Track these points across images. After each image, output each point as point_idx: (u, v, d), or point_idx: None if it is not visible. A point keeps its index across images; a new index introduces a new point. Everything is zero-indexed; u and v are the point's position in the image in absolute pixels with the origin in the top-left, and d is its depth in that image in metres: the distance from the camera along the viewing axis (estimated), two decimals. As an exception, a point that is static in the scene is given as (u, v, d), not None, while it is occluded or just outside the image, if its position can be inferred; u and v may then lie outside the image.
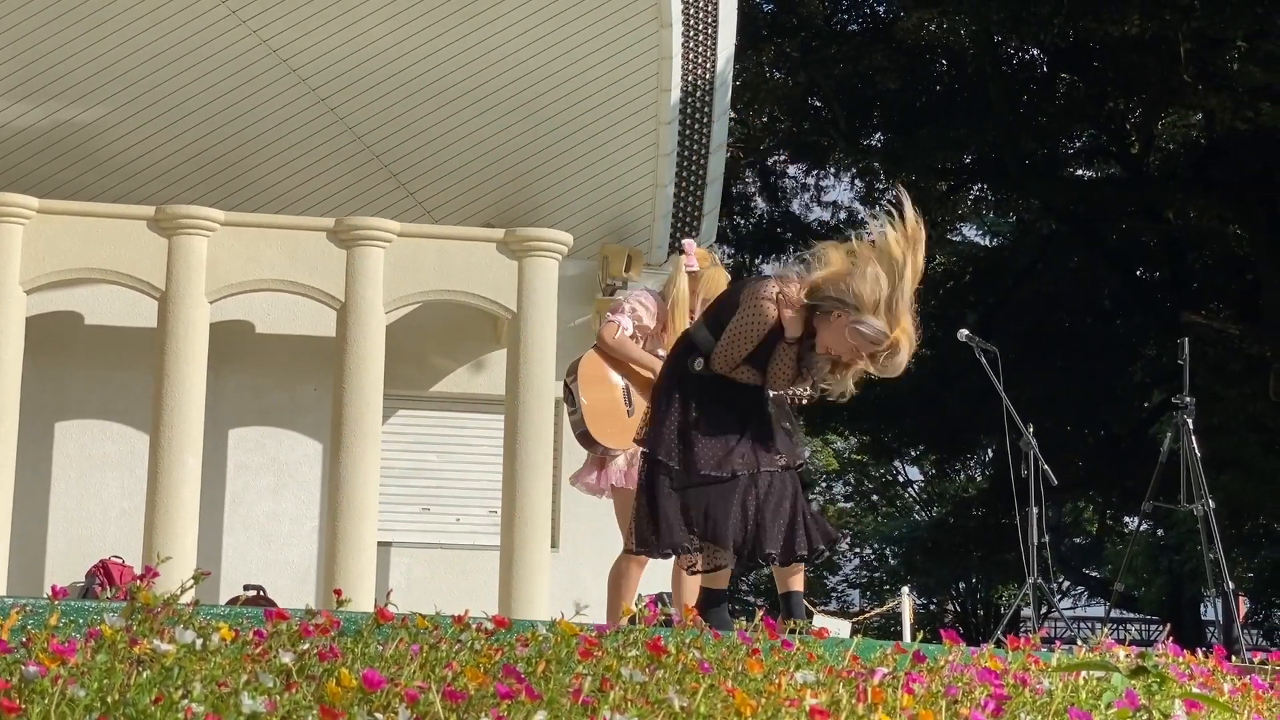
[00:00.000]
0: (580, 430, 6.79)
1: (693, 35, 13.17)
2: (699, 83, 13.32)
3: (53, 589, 3.28)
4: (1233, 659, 5.49)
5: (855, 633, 11.74)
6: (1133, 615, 33.44)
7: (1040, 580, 9.26)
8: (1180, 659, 4.32)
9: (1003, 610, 31.49)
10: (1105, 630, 4.92)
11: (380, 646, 3.22)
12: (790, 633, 3.80)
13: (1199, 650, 4.58)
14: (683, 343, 5.99)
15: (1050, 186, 24.15)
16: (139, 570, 11.64)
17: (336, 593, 3.69)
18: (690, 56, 13.19)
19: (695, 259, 6.70)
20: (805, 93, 24.95)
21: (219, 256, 12.04)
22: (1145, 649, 4.02)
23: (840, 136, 25.05)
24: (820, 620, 12.06)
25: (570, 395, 6.76)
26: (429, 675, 2.98)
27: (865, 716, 2.93)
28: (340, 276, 12.12)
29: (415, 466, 13.29)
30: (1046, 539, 9.50)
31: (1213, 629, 26.69)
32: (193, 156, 13.04)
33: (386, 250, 12.20)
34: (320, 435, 12.76)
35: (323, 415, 12.51)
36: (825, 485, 38.60)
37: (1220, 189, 21.98)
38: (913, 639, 3.68)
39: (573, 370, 6.81)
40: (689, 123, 13.41)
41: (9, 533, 11.60)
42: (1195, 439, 9.11)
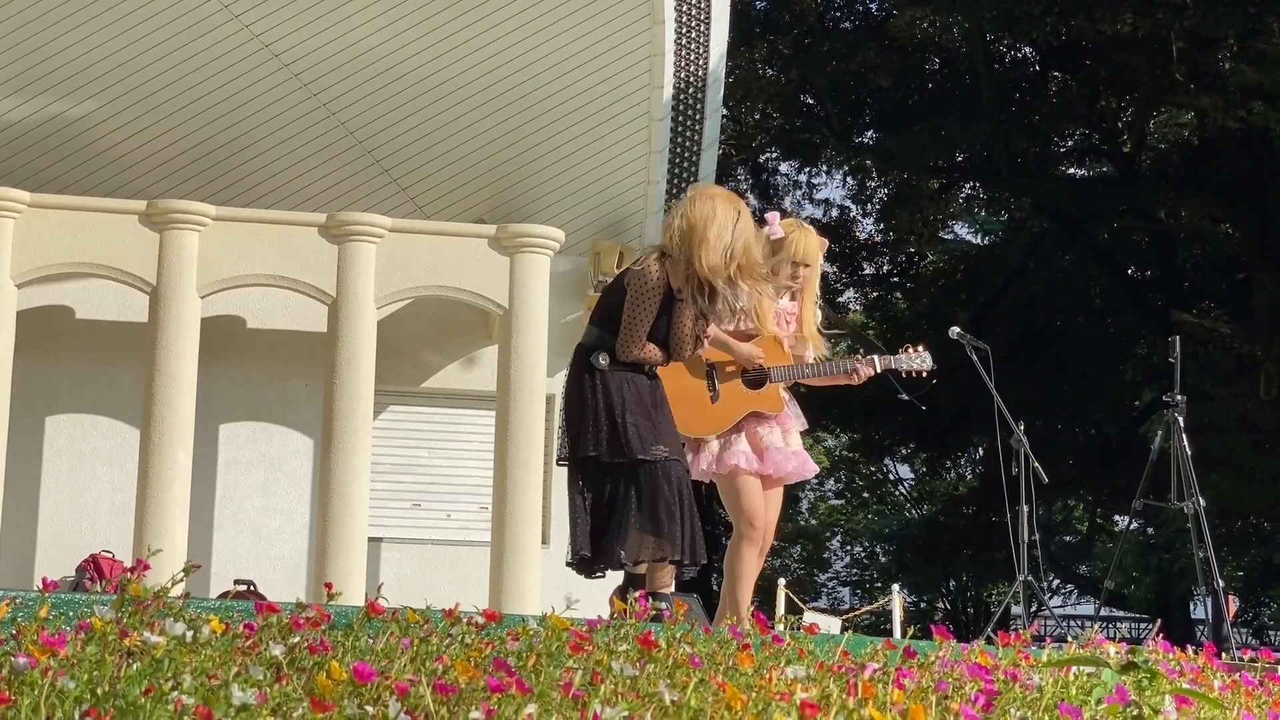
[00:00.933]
0: None
1: (685, 32, 13.16)
2: (691, 79, 13.31)
3: (43, 581, 3.27)
4: (1223, 656, 5.49)
5: (845, 630, 11.75)
6: (1122, 613, 33.48)
7: (1030, 578, 9.26)
8: (1170, 656, 4.33)
9: (993, 608, 31.52)
10: (1095, 627, 4.93)
11: (371, 640, 3.22)
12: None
13: (1189, 648, 4.58)
14: (578, 352, 6.16)
15: (1042, 185, 24.18)
16: (129, 564, 11.61)
17: (327, 586, 3.69)
18: (682, 53, 13.19)
19: (779, 227, 6.51)
20: (797, 90, 24.97)
21: (210, 251, 12.02)
22: (1136, 645, 4.02)
23: (832, 134, 25.07)
24: (810, 617, 12.08)
25: None
26: (419, 669, 2.97)
27: (856, 711, 2.93)
28: (332, 272, 12.11)
29: (406, 462, 13.28)
30: (1037, 537, 9.50)
31: (1202, 627, 26.74)
32: (184, 151, 13.02)
33: (378, 246, 12.19)
34: (311, 430, 12.75)
35: (314, 411, 12.50)
36: (816, 483, 38.61)
37: (1212, 188, 22.02)
38: (903, 636, 3.70)
39: None
40: (681, 119, 13.41)
41: (0, 526, 11.59)
42: (1186, 437, 9.13)
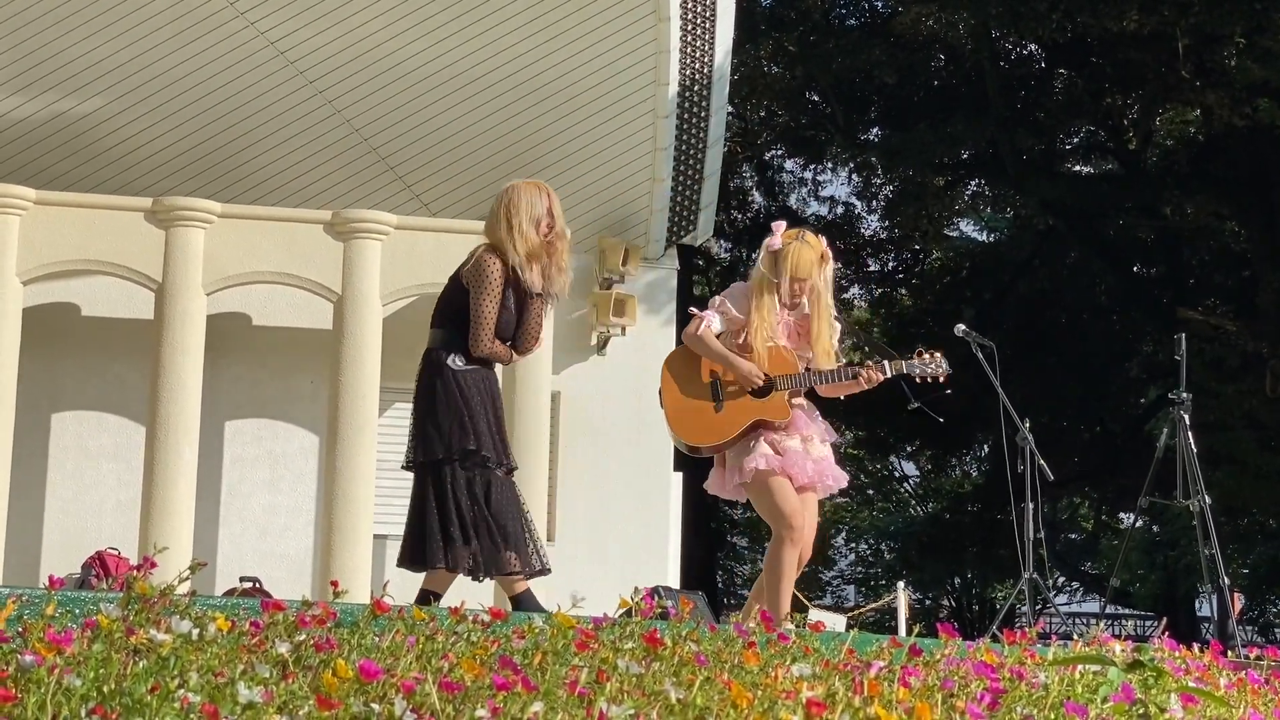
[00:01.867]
0: (672, 436, 6.69)
1: (690, 29, 13.16)
2: (697, 77, 13.31)
3: (50, 579, 3.28)
4: (1228, 654, 5.49)
5: (851, 628, 11.74)
6: (1127, 611, 33.45)
7: (1035, 576, 9.26)
8: (1176, 654, 4.32)
9: (998, 606, 31.51)
10: (1101, 625, 4.93)
11: (376, 638, 3.22)
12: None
13: (1195, 645, 4.58)
14: (427, 356, 6.27)
15: (1047, 182, 24.14)
16: (135, 562, 11.62)
17: (333, 584, 3.69)
18: (688, 51, 13.19)
19: (779, 238, 6.41)
20: (803, 87, 24.94)
21: (216, 249, 12.03)
22: (1141, 644, 4.02)
23: (837, 131, 25.04)
24: (816, 615, 12.07)
25: (661, 401, 6.63)
26: (425, 666, 2.98)
27: (861, 709, 2.93)
28: (337, 269, 12.11)
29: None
30: (1042, 534, 9.50)
31: (1207, 624, 26.74)
32: (190, 149, 13.03)
33: (383, 243, 12.20)
34: (317, 428, 12.75)
35: (319, 408, 12.50)
36: (820, 480, 38.53)
37: (1218, 185, 21.98)
38: (909, 634, 3.68)
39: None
40: (686, 117, 13.40)
41: (5, 524, 11.59)
42: (1191, 435, 9.12)
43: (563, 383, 13.22)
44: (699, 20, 13.19)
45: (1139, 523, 13.29)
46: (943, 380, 6.42)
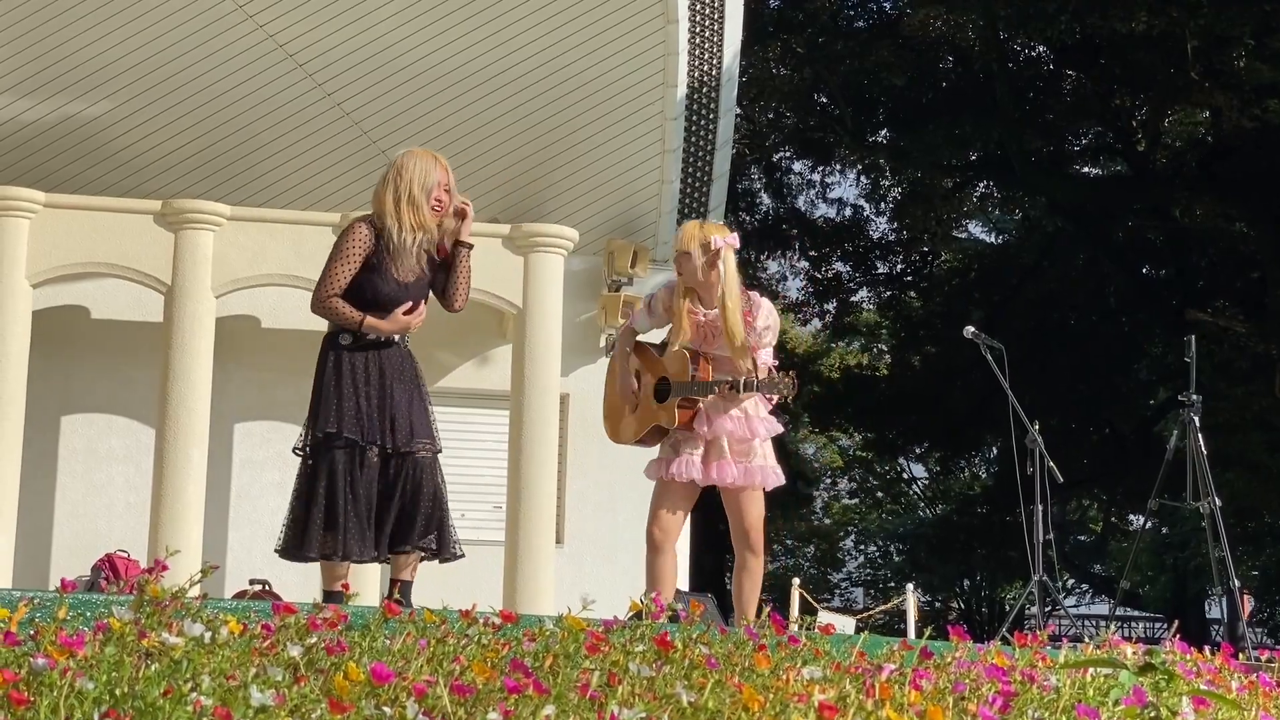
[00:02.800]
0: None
1: (699, 31, 13.16)
2: (705, 79, 13.31)
3: (62, 582, 3.28)
4: (1239, 657, 5.48)
5: (860, 630, 11.74)
6: (1137, 613, 33.42)
7: (1045, 578, 9.25)
8: (1188, 656, 4.32)
9: (1007, 608, 31.48)
10: (1112, 628, 4.92)
11: (388, 641, 3.22)
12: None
13: (1205, 648, 4.57)
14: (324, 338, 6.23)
15: (1056, 184, 24.14)
16: (144, 565, 11.64)
17: (344, 587, 3.69)
18: (696, 52, 13.19)
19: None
20: (811, 89, 24.94)
21: (225, 251, 12.04)
22: (1153, 646, 4.01)
23: (846, 133, 25.04)
24: (825, 617, 12.06)
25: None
26: (436, 669, 2.98)
27: (873, 713, 2.93)
28: (346, 271, 12.11)
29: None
30: (1051, 536, 9.49)
31: (1217, 626, 26.67)
32: (199, 151, 13.04)
33: (392, 245, 12.20)
34: (326, 430, 12.74)
35: (328, 410, 12.49)
36: (830, 482, 38.59)
37: (1227, 187, 21.96)
38: (918, 636, 3.69)
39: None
40: (695, 119, 13.40)
41: (14, 526, 11.61)
42: (1201, 437, 9.11)
43: (571, 384, 13.22)
44: (707, 22, 13.20)
45: (1148, 525, 13.26)
46: (788, 399, 6.38)
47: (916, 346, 29.26)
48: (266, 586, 11.93)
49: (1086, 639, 4.80)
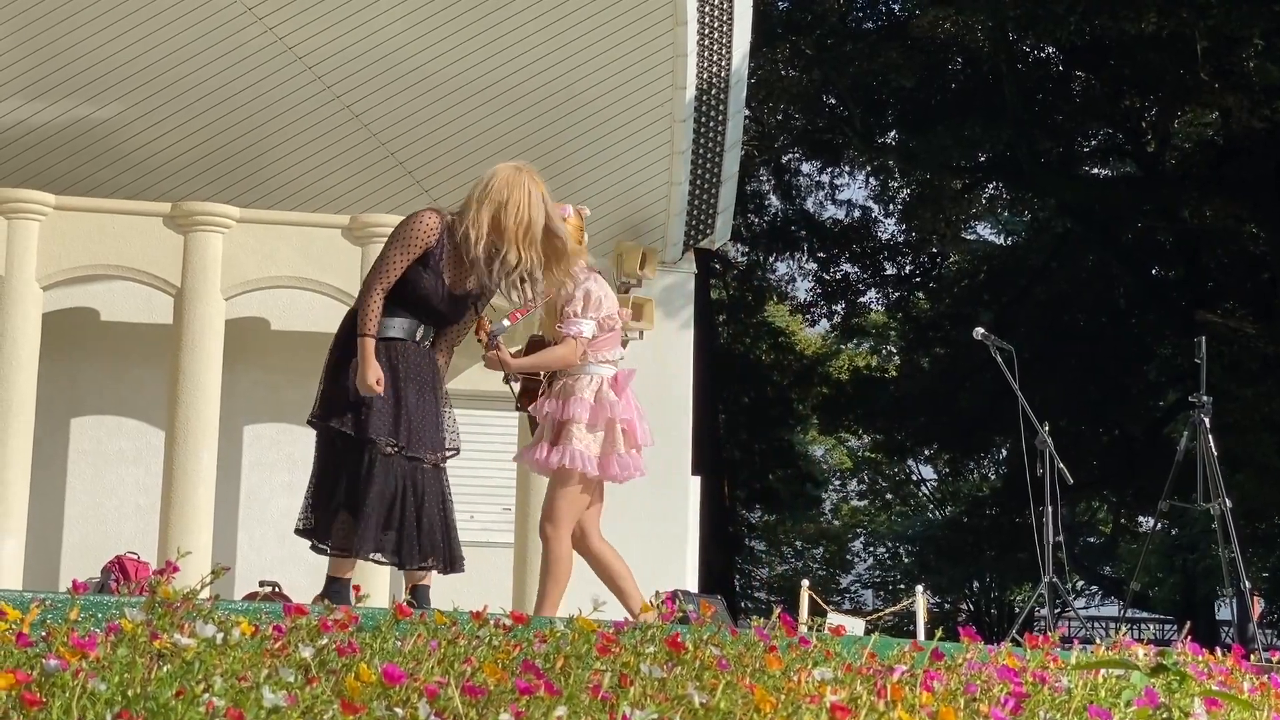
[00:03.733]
0: None
1: (707, 33, 13.16)
2: (714, 80, 13.31)
3: (73, 583, 3.29)
4: (1250, 658, 5.48)
5: (870, 632, 11.72)
6: (1147, 614, 33.38)
7: (1055, 579, 9.24)
8: (1199, 658, 4.31)
9: (1017, 610, 31.45)
10: (1123, 629, 4.92)
11: (399, 642, 3.23)
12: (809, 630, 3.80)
13: (1216, 649, 4.57)
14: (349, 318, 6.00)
15: (1065, 185, 24.11)
16: (155, 566, 11.65)
17: (355, 589, 3.70)
18: (705, 54, 13.19)
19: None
20: (820, 90, 24.94)
21: (234, 253, 12.05)
22: (1164, 648, 4.01)
23: (855, 134, 25.04)
24: (835, 619, 12.06)
25: None
26: (448, 671, 2.98)
27: (885, 714, 2.92)
28: (355, 273, 12.11)
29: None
30: (1061, 538, 9.48)
31: (1227, 628, 26.62)
32: (209, 153, 13.06)
33: (402, 247, 12.20)
34: (335, 432, 12.75)
35: (338, 412, 12.50)
36: (839, 484, 38.57)
37: (1236, 188, 21.93)
38: (928, 638, 3.67)
39: None
40: (704, 120, 13.40)
41: (25, 528, 11.62)
42: (1211, 438, 9.09)
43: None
44: (716, 24, 13.19)
45: (1159, 526, 13.25)
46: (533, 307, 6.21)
47: (926, 348, 29.25)
48: (277, 588, 11.95)
49: (1097, 640, 4.80)
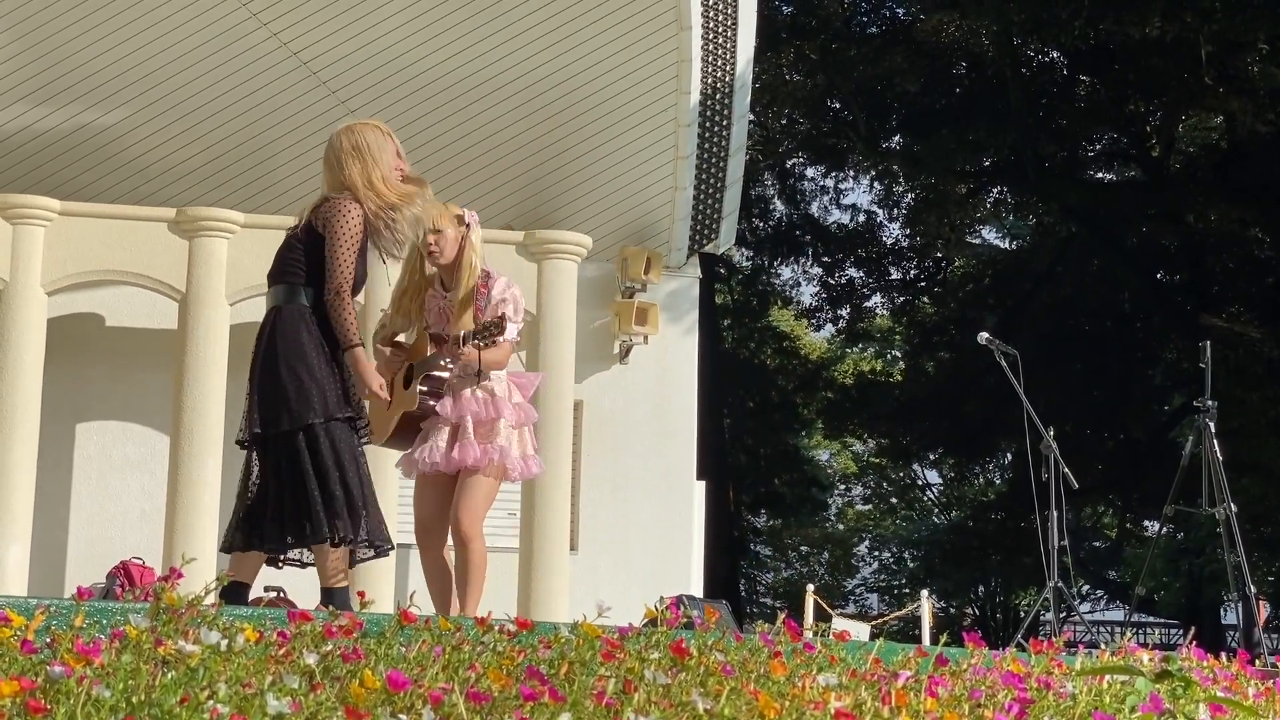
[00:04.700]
0: None
1: (712, 38, 13.16)
2: (718, 85, 13.31)
3: (78, 590, 3.29)
4: (1255, 663, 5.47)
5: (875, 636, 11.72)
6: (1152, 619, 33.34)
7: (1060, 584, 9.23)
8: (1204, 663, 4.31)
9: (1022, 614, 31.42)
10: (1128, 634, 4.91)
11: (403, 648, 3.22)
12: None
13: (1221, 654, 4.56)
14: (295, 315, 6.08)
15: (1070, 189, 24.11)
16: (160, 572, 11.65)
17: (360, 594, 3.70)
18: (709, 59, 13.19)
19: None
20: (824, 95, 24.94)
21: (239, 258, 12.06)
22: (1169, 653, 4.00)
23: (859, 139, 25.03)
24: (839, 623, 12.05)
25: None
26: (452, 677, 2.98)
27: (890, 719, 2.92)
28: (360, 278, 12.13)
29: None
30: (1066, 542, 9.47)
31: (1232, 633, 26.58)
32: (213, 159, 13.07)
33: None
34: (340, 437, 12.75)
35: (342, 417, 12.51)
36: (844, 488, 38.56)
37: (1241, 192, 21.92)
38: (934, 642, 3.68)
39: None
40: (708, 125, 13.40)
41: (30, 534, 11.63)
42: (1216, 442, 9.09)
43: (585, 391, 13.22)
44: (720, 28, 13.20)
45: (1164, 530, 13.23)
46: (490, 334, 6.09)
47: (930, 352, 29.25)
48: (281, 593, 11.95)
49: (1102, 645, 4.79)
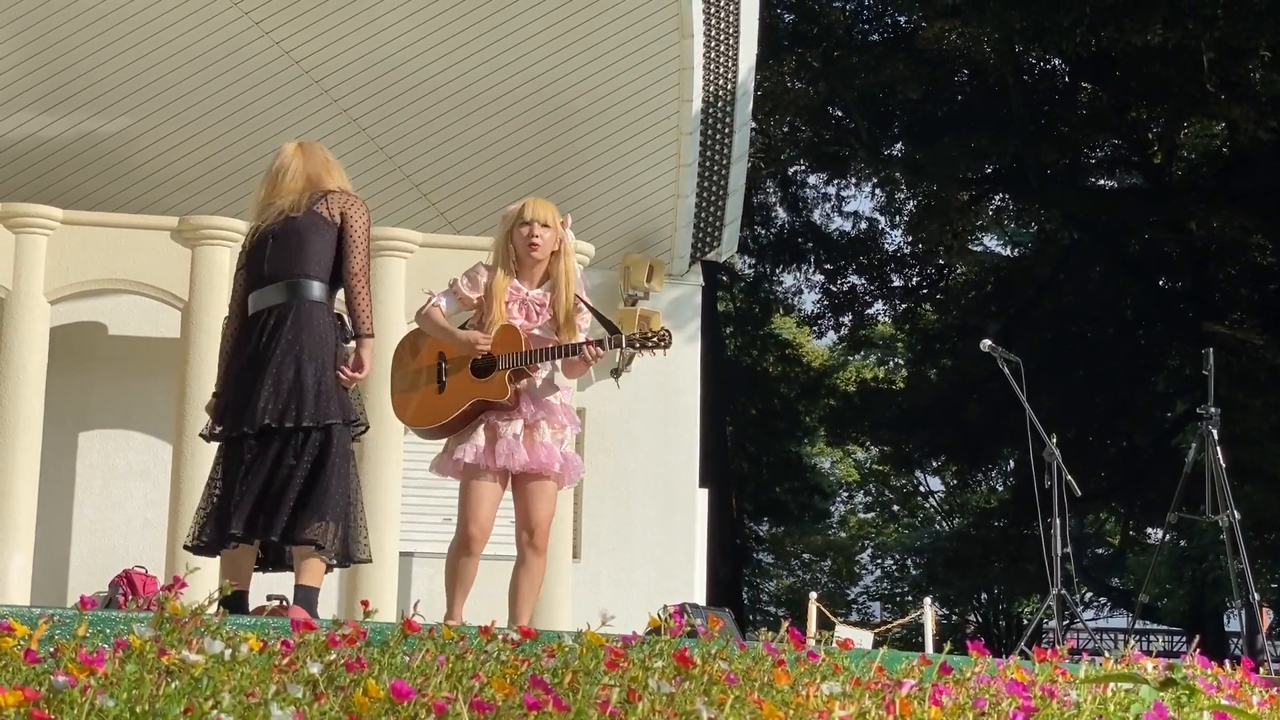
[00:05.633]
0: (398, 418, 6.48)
1: (714, 46, 13.17)
2: (720, 93, 13.32)
3: (81, 599, 3.29)
4: (1259, 671, 5.46)
5: (878, 644, 11.71)
6: (1155, 626, 33.30)
7: (1063, 591, 9.22)
8: (1208, 671, 4.30)
9: (1025, 622, 31.39)
10: (1132, 642, 4.91)
11: (407, 657, 3.22)
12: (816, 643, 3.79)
13: (1225, 662, 4.56)
14: (314, 310, 6.07)
15: (1072, 196, 24.12)
16: (163, 580, 11.65)
17: (364, 604, 3.70)
18: (711, 67, 13.20)
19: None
20: (826, 103, 24.95)
21: (242, 267, 12.05)
22: (1174, 661, 4.00)
23: (861, 146, 25.04)
24: (842, 631, 12.03)
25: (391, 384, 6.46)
26: (456, 686, 2.97)
27: (893, 728, 2.92)
28: (363, 287, 12.13)
29: (436, 477, 13.24)
30: (1069, 550, 9.46)
31: (1236, 640, 26.57)
32: (216, 167, 13.08)
33: (408, 261, 12.22)
34: (342, 445, 12.76)
35: (345, 425, 12.51)
36: (847, 496, 38.53)
37: (1243, 199, 21.91)
38: (937, 650, 3.67)
39: None
40: (710, 133, 13.41)
41: (33, 543, 11.63)
42: (1220, 449, 9.08)
43: (587, 400, 13.22)
44: (722, 36, 13.21)
45: (1167, 538, 13.22)
46: (661, 346, 5.99)
47: (933, 359, 29.24)
48: (284, 602, 11.92)
49: (1105, 653, 4.78)
